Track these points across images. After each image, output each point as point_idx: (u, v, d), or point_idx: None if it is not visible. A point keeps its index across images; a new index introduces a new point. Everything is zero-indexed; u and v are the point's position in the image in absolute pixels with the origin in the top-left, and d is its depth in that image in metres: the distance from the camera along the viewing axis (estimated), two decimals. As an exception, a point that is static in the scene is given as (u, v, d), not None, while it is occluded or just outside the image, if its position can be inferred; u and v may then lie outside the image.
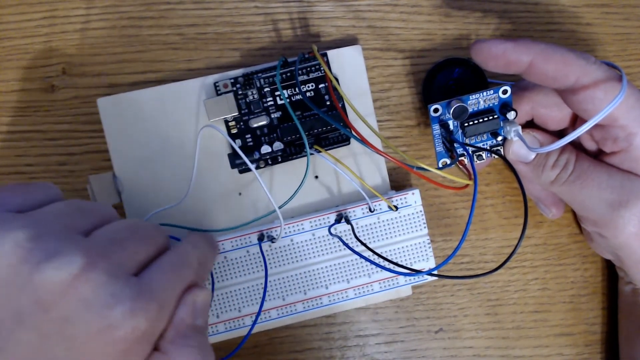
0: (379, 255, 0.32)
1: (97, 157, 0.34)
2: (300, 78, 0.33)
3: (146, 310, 0.21)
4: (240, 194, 0.34)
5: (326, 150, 0.33)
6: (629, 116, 0.29)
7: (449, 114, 0.31)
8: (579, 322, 0.37)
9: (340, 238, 0.33)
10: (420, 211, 0.33)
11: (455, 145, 0.30)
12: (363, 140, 0.29)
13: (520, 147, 0.32)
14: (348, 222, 0.33)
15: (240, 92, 0.33)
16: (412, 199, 0.33)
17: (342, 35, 0.35)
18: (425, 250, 0.34)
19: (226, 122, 0.33)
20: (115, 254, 0.22)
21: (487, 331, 0.36)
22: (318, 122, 0.32)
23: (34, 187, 0.24)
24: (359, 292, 0.33)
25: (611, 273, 0.37)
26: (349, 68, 0.34)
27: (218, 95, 0.33)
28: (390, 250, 0.33)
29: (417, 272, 0.31)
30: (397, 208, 0.33)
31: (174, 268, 0.24)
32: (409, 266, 0.33)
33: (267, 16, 0.35)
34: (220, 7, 0.35)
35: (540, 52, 0.28)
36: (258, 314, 0.32)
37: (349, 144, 0.34)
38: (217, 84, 0.33)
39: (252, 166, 0.28)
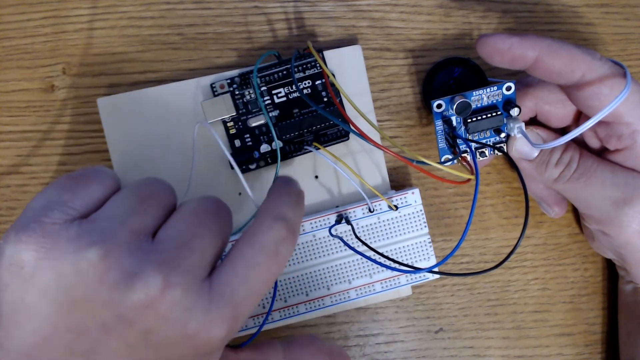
0: (381, 254, 0.30)
1: (97, 157, 0.32)
2: (297, 76, 0.31)
3: (221, 320, 0.20)
4: (240, 194, 0.32)
5: (325, 147, 0.31)
6: (634, 113, 0.27)
7: (452, 109, 0.29)
8: (579, 322, 0.35)
9: (341, 238, 0.31)
10: (421, 210, 0.31)
11: (458, 141, 0.29)
12: (361, 134, 0.27)
13: (523, 144, 0.30)
14: (348, 222, 0.31)
15: (237, 92, 0.31)
16: (412, 198, 0.31)
17: (342, 35, 0.33)
18: (426, 249, 0.32)
19: (224, 122, 0.31)
20: (185, 260, 0.20)
21: (487, 331, 0.34)
22: (316, 119, 0.30)
23: (89, 178, 0.22)
24: (361, 293, 0.32)
25: (611, 273, 0.35)
26: (348, 68, 0.32)
27: (215, 96, 0.31)
28: (391, 250, 0.32)
29: (420, 269, 0.29)
30: (397, 207, 0.31)
31: (249, 265, 0.21)
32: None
33: (267, 16, 0.33)
34: (220, 7, 0.33)
35: (546, 48, 0.27)
36: (267, 316, 0.30)
37: (347, 139, 0.32)
38: (213, 85, 0.31)
39: (238, 170, 0.26)
